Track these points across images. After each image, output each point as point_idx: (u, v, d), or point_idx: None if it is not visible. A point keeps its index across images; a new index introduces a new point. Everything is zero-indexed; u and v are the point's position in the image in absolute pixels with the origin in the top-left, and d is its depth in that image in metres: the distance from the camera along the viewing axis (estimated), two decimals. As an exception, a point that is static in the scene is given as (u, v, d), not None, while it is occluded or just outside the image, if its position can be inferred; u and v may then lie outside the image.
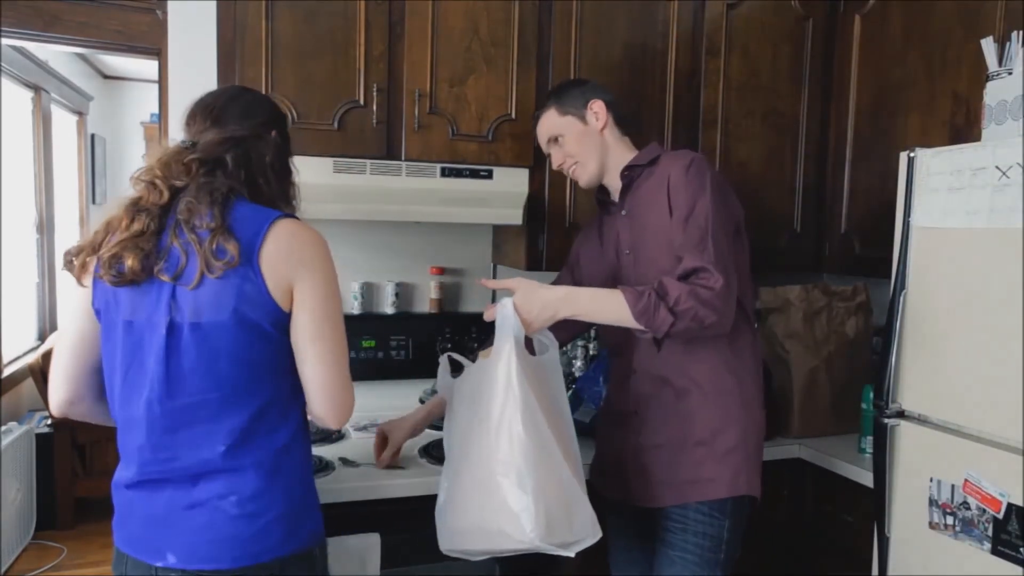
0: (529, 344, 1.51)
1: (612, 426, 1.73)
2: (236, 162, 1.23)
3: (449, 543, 1.44)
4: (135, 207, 1.19)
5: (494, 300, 1.55)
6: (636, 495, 1.63)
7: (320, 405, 1.23)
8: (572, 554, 1.34)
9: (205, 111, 1.28)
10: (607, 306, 1.45)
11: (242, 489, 1.18)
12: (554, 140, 1.72)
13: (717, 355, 1.56)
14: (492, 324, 1.49)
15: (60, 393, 1.31)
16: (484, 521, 1.35)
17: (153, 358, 1.17)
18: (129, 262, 1.15)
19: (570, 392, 2.14)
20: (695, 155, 1.56)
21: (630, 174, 1.65)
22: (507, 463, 1.32)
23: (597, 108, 1.67)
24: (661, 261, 1.54)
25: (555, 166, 1.75)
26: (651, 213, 1.59)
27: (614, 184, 1.70)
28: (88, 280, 1.23)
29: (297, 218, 1.26)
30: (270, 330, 1.18)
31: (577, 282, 1.81)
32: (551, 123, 1.72)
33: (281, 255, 1.18)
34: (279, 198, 1.30)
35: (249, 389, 1.19)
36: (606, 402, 1.81)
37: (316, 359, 1.20)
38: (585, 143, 1.69)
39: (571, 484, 1.36)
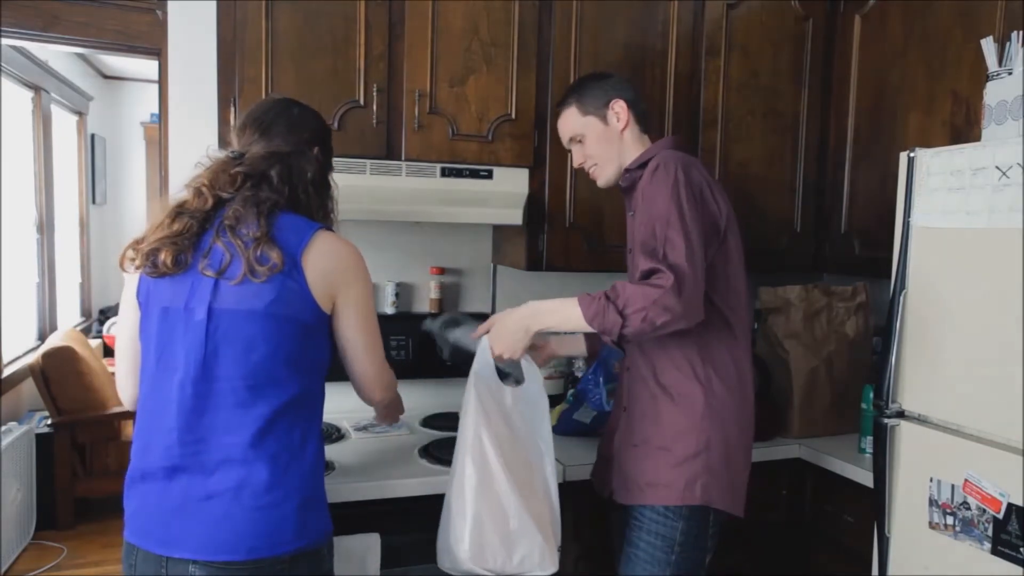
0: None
1: (610, 422, 1.75)
2: (280, 177, 1.31)
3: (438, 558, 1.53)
4: (178, 209, 1.28)
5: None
6: (613, 490, 1.65)
7: (367, 387, 1.45)
8: None
9: (255, 123, 1.37)
10: (568, 315, 1.45)
11: (259, 481, 1.22)
12: (575, 139, 1.71)
13: (687, 362, 1.55)
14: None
15: (128, 391, 1.39)
16: (444, 540, 1.49)
17: (189, 341, 1.23)
18: (162, 256, 1.24)
19: (571, 392, 2.14)
20: (663, 160, 1.52)
21: (630, 176, 1.65)
22: (456, 490, 1.46)
23: (619, 108, 1.64)
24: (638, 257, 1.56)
25: (575, 165, 1.75)
26: (637, 215, 1.58)
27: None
28: (130, 268, 1.30)
29: (333, 231, 1.36)
30: (307, 325, 1.27)
31: None
32: (572, 122, 1.70)
33: (325, 265, 1.29)
34: (318, 211, 1.38)
35: (277, 380, 1.25)
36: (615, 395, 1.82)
37: (362, 350, 1.39)
38: (605, 145, 1.66)
39: (519, 517, 1.45)
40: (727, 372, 1.57)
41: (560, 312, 1.48)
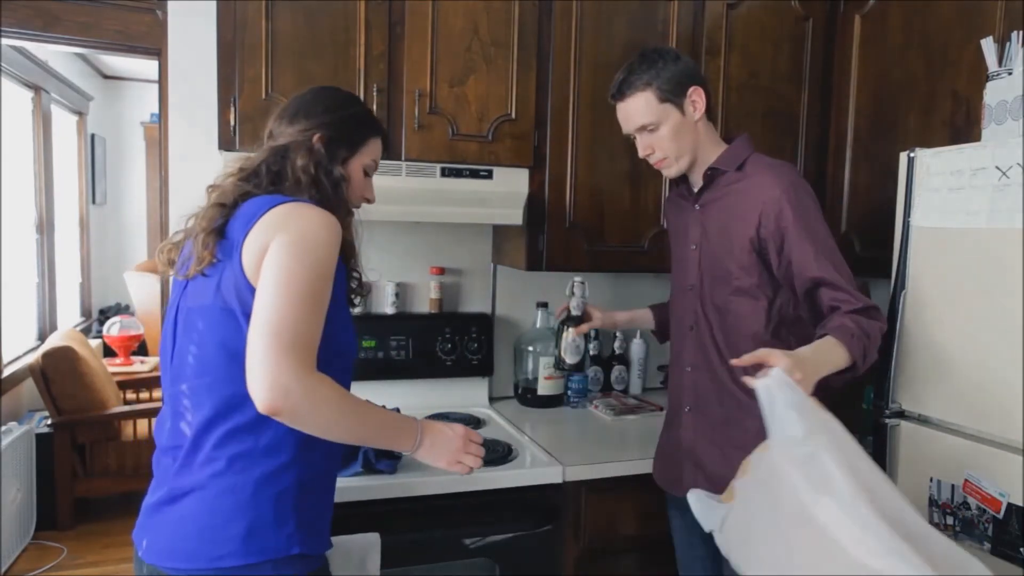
0: None
1: (667, 420, 1.72)
2: (268, 170, 1.25)
3: None
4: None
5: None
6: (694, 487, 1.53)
7: (248, 377, 1.06)
8: None
9: (280, 114, 1.34)
10: (835, 360, 1.38)
11: (215, 485, 1.15)
12: (646, 128, 1.54)
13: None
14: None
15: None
16: None
17: (168, 341, 1.26)
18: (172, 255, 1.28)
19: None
20: (790, 176, 1.49)
21: (713, 175, 1.57)
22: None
23: (696, 97, 1.53)
24: (726, 262, 1.53)
25: (641, 155, 1.59)
26: (734, 221, 1.52)
27: (695, 177, 1.61)
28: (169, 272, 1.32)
29: (310, 203, 1.19)
30: (246, 315, 1.11)
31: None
32: (647, 109, 1.52)
33: (262, 228, 1.13)
34: (308, 189, 1.24)
35: (227, 379, 1.14)
36: (669, 392, 1.74)
37: (256, 321, 1.06)
38: (682, 136, 1.54)
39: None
40: None
41: (831, 357, 1.37)
